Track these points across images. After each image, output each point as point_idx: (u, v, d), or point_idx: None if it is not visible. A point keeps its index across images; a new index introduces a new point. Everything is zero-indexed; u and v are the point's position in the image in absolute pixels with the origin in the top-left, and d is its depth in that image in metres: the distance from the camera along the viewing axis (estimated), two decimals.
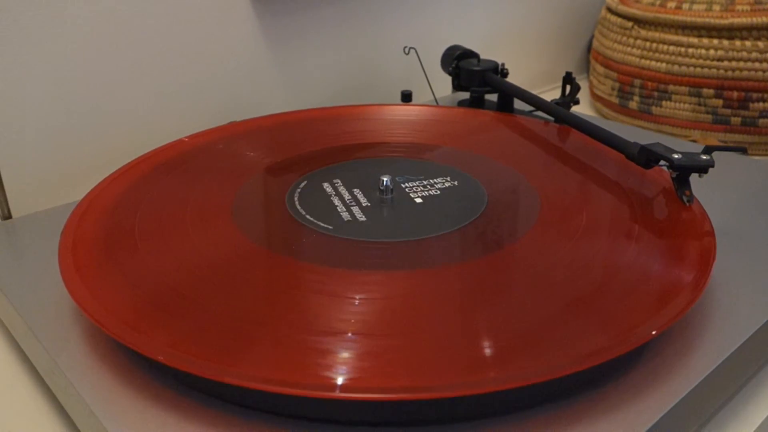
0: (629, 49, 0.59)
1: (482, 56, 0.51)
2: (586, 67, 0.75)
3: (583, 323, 0.25)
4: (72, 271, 0.28)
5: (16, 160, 0.40)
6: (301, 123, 0.43)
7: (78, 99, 0.41)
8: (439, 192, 0.34)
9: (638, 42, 0.58)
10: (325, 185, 0.35)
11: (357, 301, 0.26)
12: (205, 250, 0.29)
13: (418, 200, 0.33)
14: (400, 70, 0.58)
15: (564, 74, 0.47)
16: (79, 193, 0.34)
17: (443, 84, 0.53)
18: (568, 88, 0.47)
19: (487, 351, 0.23)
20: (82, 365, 0.25)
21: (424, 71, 0.52)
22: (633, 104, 0.59)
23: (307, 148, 0.39)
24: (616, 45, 0.60)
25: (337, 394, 0.21)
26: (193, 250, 0.29)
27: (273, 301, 0.26)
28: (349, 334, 0.24)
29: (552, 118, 0.44)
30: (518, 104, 0.50)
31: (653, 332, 0.24)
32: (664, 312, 0.25)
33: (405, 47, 0.51)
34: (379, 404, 0.22)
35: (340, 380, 0.22)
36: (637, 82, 0.58)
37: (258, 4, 0.48)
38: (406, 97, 0.51)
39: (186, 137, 0.38)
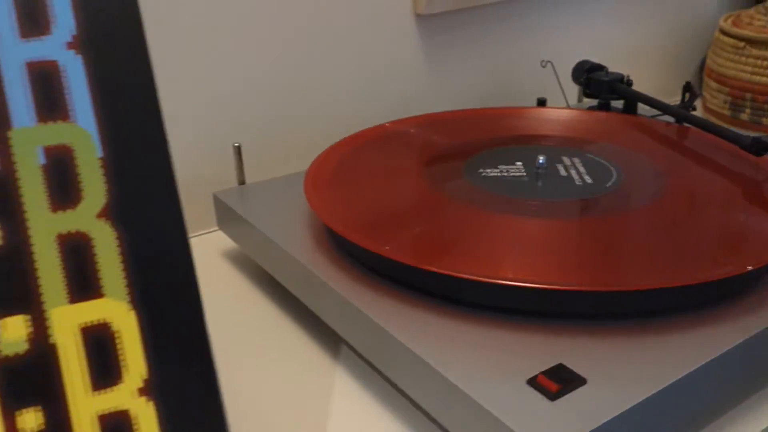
0: (741, 66, 0.66)
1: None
2: (699, 84, 0.82)
3: (714, 251, 0.33)
4: (313, 194, 0.38)
5: (252, 139, 0.51)
6: (466, 118, 0.53)
7: (294, 92, 0.52)
8: (584, 170, 0.43)
9: (749, 60, 0.65)
10: (493, 162, 0.44)
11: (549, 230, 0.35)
12: (405, 194, 0.39)
13: (565, 174, 0.42)
14: (532, 81, 0.67)
15: (684, 84, 0.55)
16: (294, 168, 0.45)
17: (568, 93, 0.61)
18: (687, 95, 0.54)
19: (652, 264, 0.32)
20: (325, 266, 0.36)
21: (559, 81, 0.61)
22: (744, 116, 0.66)
23: (476, 136, 0.49)
24: (728, 63, 0.67)
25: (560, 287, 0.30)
26: (399, 192, 0.39)
27: (462, 227, 0.36)
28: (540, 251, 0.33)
29: (673, 119, 0.52)
30: (640, 111, 0.58)
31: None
32: None
33: (542, 61, 0.60)
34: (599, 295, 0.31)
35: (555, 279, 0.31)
36: (748, 95, 0.65)
37: (421, 23, 0.58)
38: (542, 103, 0.60)
39: (387, 123, 0.49)
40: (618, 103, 0.58)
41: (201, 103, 0.49)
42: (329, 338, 0.40)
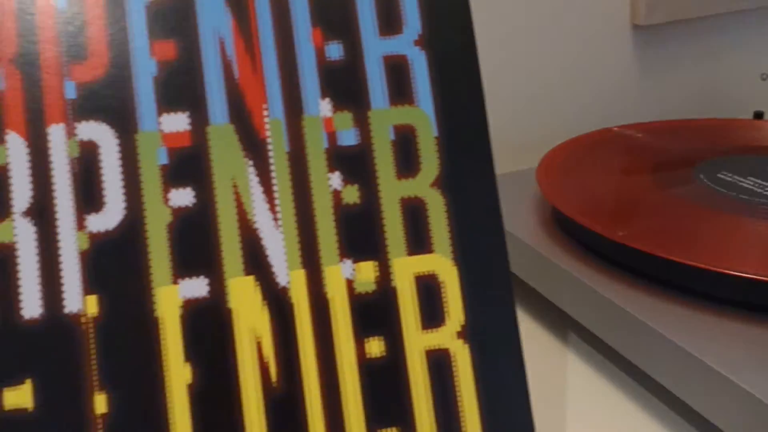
0: None
1: None
2: None
3: None
4: (545, 183, 0.41)
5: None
6: (690, 127, 0.54)
7: (518, 98, 0.56)
8: None
9: None
10: (724, 168, 0.45)
11: None
12: (635, 189, 0.41)
13: None
14: (748, 95, 0.66)
15: None
16: (527, 163, 0.49)
17: None
18: None
19: None
20: (560, 252, 0.38)
21: None
22: None
23: (701, 144, 0.50)
24: None
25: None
26: (629, 188, 0.41)
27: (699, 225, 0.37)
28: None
29: None
30: None
31: None
32: None
33: (763, 74, 0.60)
34: None
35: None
36: None
37: (638, 33, 0.60)
38: (758, 116, 0.59)
39: (614, 127, 0.51)
40: None
41: None
42: (554, 324, 0.43)
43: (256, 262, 0.25)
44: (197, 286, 0.25)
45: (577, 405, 0.36)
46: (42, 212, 0.24)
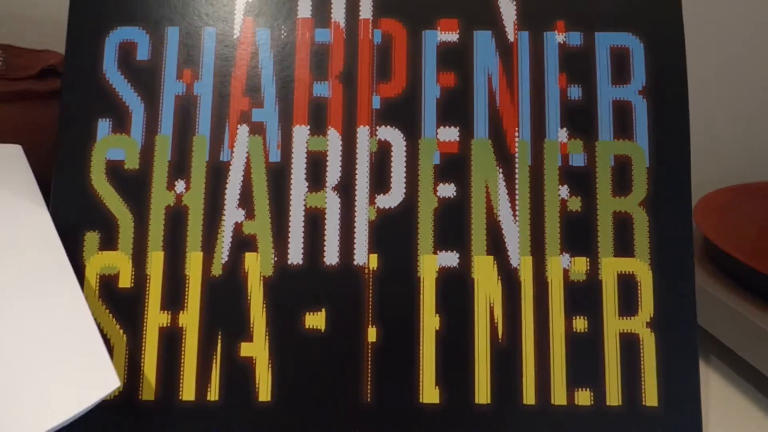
0: None
1: None
2: None
3: None
4: (703, 216, 0.47)
5: None
6: None
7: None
8: None
9: None
10: None
11: None
12: None
13: None
14: None
15: None
16: None
17: None
18: None
19: None
20: (710, 281, 0.44)
21: None
22: None
23: None
24: None
25: None
26: None
27: None
28: None
29: None
30: None
31: None
32: None
33: None
34: None
35: None
36: None
37: None
38: None
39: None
40: None
41: None
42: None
43: (496, 246, 0.33)
44: (451, 258, 0.33)
45: (718, 417, 0.41)
46: (346, 188, 0.33)
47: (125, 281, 0.32)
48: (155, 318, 0.32)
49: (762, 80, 0.63)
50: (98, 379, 0.23)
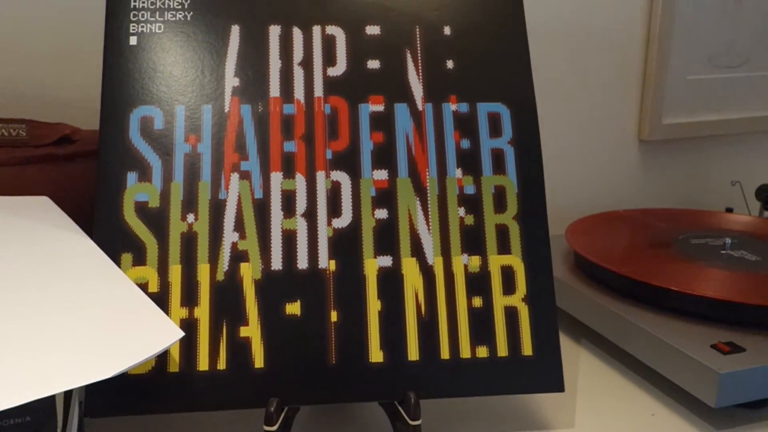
0: None
1: None
2: None
3: None
4: (572, 239, 0.63)
5: None
6: (675, 214, 0.76)
7: (562, 185, 0.79)
8: (754, 252, 0.64)
9: None
10: (692, 239, 0.67)
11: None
12: (634, 246, 0.63)
13: (744, 252, 0.64)
14: (722, 196, 0.88)
15: None
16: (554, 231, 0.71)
17: (752, 207, 0.82)
18: None
19: None
20: (581, 285, 0.60)
21: (744, 197, 0.82)
22: None
23: (681, 226, 0.72)
24: None
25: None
26: (629, 245, 0.63)
27: (669, 269, 0.58)
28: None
29: None
30: None
31: None
32: None
33: (732, 181, 0.82)
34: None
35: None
36: None
37: (642, 146, 0.83)
38: (729, 210, 0.81)
39: (621, 210, 0.74)
40: None
41: None
42: (571, 331, 0.64)
43: (417, 251, 0.47)
44: (386, 260, 0.47)
45: (586, 376, 0.56)
46: (311, 215, 0.47)
47: (153, 287, 0.45)
48: (177, 312, 0.45)
49: (609, 134, 0.82)
50: (165, 331, 0.35)
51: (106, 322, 0.35)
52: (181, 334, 0.37)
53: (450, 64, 0.51)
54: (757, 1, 0.83)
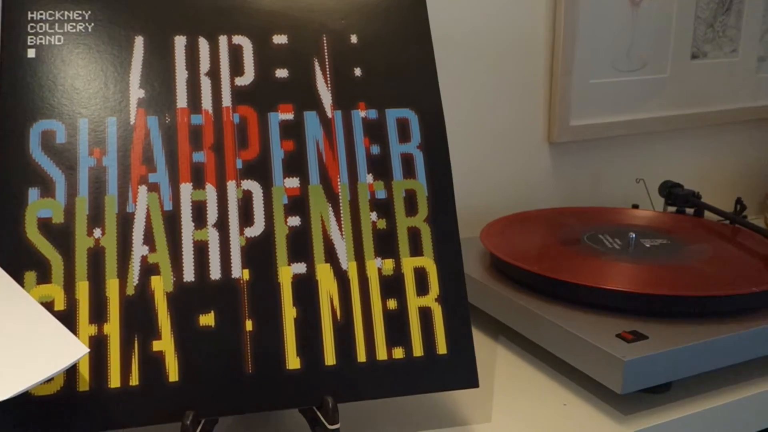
0: None
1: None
2: (763, 208, 1.04)
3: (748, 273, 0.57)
4: (486, 240, 0.65)
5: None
6: (586, 211, 0.79)
7: (473, 187, 0.81)
8: (658, 245, 0.68)
9: None
10: (600, 235, 0.70)
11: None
12: (546, 244, 0.65)
13: (649, 245, 0.67)
14: (629, 192, 0.92)
15: (736, 198, 0.79)
16: (467, 234, 0.73)
17: (655, 203, 0.86)
18: (738, 207, 0.78)
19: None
20: (495, 282, 0.62)
21: (648, 193, 0.86)
22: None
23: (591, 222, 0.75)
24: None
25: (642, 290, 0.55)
26: (541, 243, 0.65)
27: (578, 265, 0.61)
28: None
29: (727, 221, 0.76)
30: (707, 216, 0.82)
31: None
32: None
33: (637, 178, 0.86)
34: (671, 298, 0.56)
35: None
36: None
37: (552, 147, 0.86)
38: (635, 206, 0.85)
39: (533, 210, 0.76)
40: (690, 211, 0.82)
41: None
42: (489, 329, 0.65)
43: (331, 256, 0.48)
44: (300, 267, 0.47)
45: (502, 372, 0.58)
46: (222, 225, 0.47)
47: (59, 305, 0.44)
48: (85, 329, 0.43)
49: (520, 138, 0.84)
50: (70, 348, 0.34)
51: (5, 342, 0.34)
52: (86, 350, 0.36)
53: (358, 71, 0.51)
54: (652, 7, 0.88)
